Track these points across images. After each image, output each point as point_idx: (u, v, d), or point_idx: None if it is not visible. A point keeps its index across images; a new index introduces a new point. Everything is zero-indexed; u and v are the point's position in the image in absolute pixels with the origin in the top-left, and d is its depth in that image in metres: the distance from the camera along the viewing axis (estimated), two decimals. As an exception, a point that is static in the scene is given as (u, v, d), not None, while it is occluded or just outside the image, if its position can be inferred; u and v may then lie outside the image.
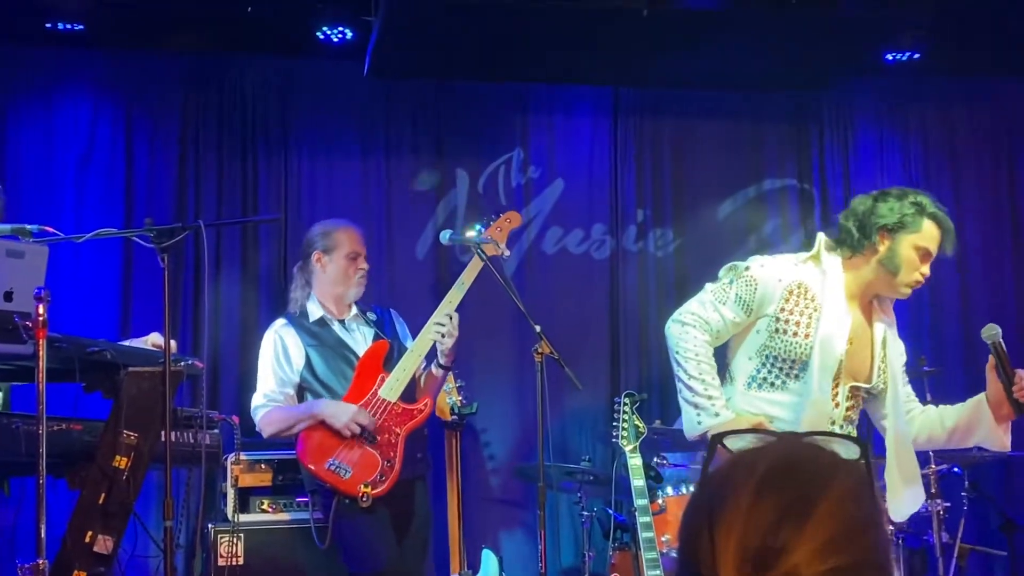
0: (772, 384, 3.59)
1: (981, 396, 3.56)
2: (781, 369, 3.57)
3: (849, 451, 1.37)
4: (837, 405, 3.57)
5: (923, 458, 5.02)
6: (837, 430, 3.52)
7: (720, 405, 3.53)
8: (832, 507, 1.17)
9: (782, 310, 3.54)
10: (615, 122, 6.07)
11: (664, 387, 5.83)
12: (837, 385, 3.56)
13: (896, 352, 3.70)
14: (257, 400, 4.60)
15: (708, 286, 3.70)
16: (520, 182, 5.95)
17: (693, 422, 3.57)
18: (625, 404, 4.96)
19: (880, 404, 3.66)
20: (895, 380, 3.64)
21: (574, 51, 5.44)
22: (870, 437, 3.89)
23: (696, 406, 3.56)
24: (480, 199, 5.87)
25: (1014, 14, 5.54)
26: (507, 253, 4.80)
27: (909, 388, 3.75)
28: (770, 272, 3.60)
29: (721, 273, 3.70)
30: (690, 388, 3.58)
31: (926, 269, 3.56)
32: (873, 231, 3.53)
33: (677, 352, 3.64)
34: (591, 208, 6.00)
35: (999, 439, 3.54)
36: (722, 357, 3.70)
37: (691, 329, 3.63)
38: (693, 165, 6.10)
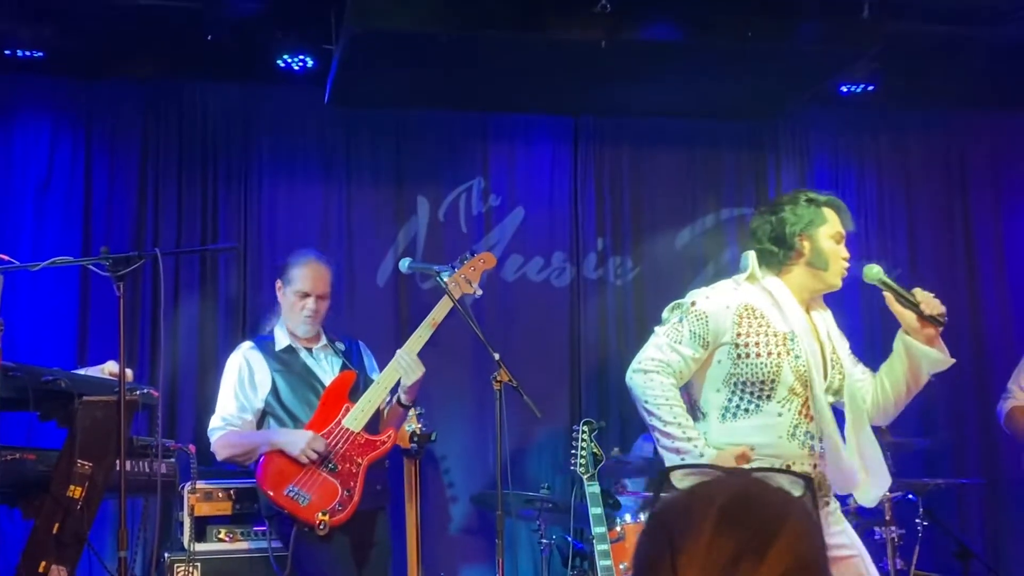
0: (746, 411, 3.56)
1: (900, 334, 3.56)
2: (752, 393, 3.55)
3: (795, 486, 1.39)
4: (810, 417, 3.58)
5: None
6: (816, 442, 3.54)
7: (701, 445, 3.50)
8: (787, 544, 1.22)
9: (738, 335, 3.54)
10: (575, 150, 6.09)
11: (623, 415, 5.84)
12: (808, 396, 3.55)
13: (840, 339, 3.72)
14: (215, 422, 4.57)
15: (658, 329, 3.68)
16: (481, 210, 5.95)
17: (690, 460, 3.51)
18: (584, 432, 4.96)
19: (841, 395, 3.65)
20: (846, 368, 3.65)
21: (534, 81, 5.45)
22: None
23: (678, 451, 3.51)
24: (441, 227, 5.87)
25: (964, 49, 5.59)
26: (479, 292, 4.75)
27: (861, 366, 3.73)
28: (716, 302, 3.60)
29: (665, 314, 3.71)
30: (668, 435, 3.54)
31: (845, 251, 3.62)
32: (792, 239, 3.58)
33: (646, 401, 3.59)
34: (551, 236, 6.00)
35: (940, 357, 3.53)
36: (687, 395, 3.67)
37: (654, 376, 3.59)
38: (652, 193, 6.12)
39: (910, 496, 5.20)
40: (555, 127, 6.07)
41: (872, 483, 3.63)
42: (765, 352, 3.53)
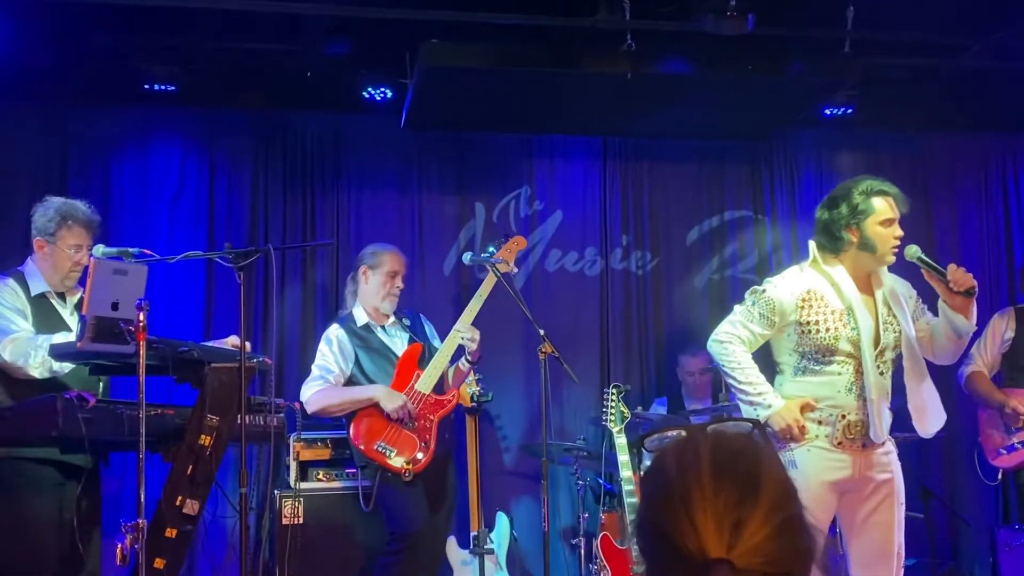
0: (813, 371, 3.56)
1: (942, 304, 3.55)
2: (815, 359, 3.54)
3: (741, 426, 1.39)
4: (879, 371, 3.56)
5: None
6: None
7: (771, 398, 3.52)
8: (770, 477, 1.23)
9: (802, 315, 3.54)
10: (604, 165, 6.07)
11: (644, 381, 5.86)
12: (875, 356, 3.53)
13: (900, 303, 3.63)
14: (313, 381, 4.62)
15: (737, 308, 3.71)
16: (527, 213, 5.96)
17: (753, 415, 3.53)
18: (612, 394, 4.99)
19: (899, 349, 3.62)
20: (902, 325, 3.60)
21: (571, 108, 5.46)
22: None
23: (752, 404, 3.54)
24: (495, 227, 5.87)
25: (928, 78, 5.55)
26: (515, 270, 4.87)
27: (926, 318, 3.67)
28: (782, 290, 3.59)
29: (746, 296, 3.70)
30: (743, 391, 3.58)
31: (897, 230, 3.54)
32: (842, 231, 3.53)
33: (723, 365, 3.65)
34: (584, 234, 6.00)
35: (964, 322, 3.52)
36: (771, 355, 3.72)
37: (728, 345, 3.64)
38: (667, 199, 6.10)
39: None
40: (588, 146, 6.06)
41: (929, 419, 3.63)
42: (824, 328, 3.51)
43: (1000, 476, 4.92)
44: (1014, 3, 4.88)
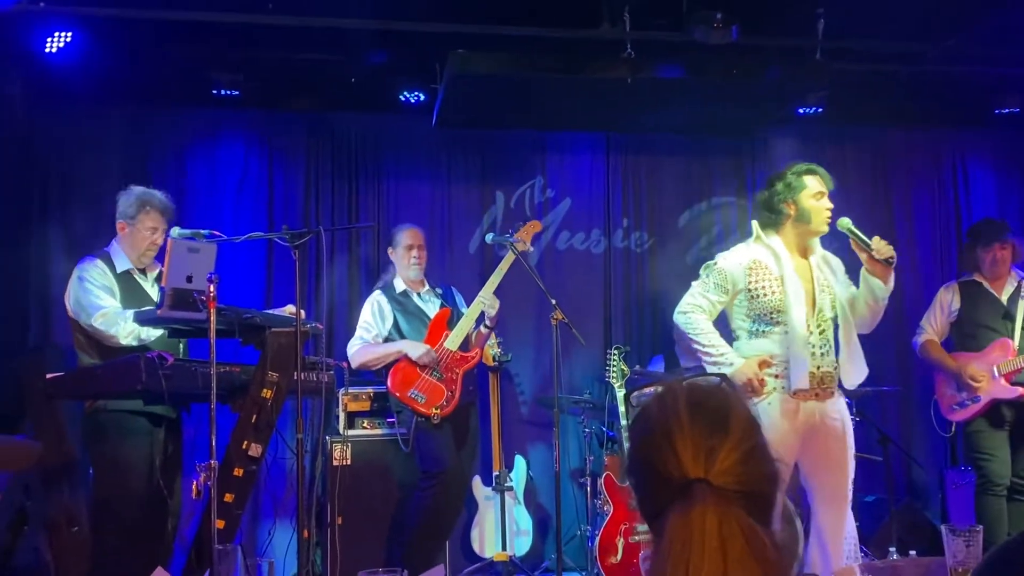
0: (763, 332, 3.58)
1: (864, 272, 3.56)
2: (765, 321, 3.56)
3: (712, 380, 1.41)
4: (811, 332, 3.55)
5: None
6: (816, 350, 3.53)
7: (731, 357, 3.56)
8: (736, 414, 1.25)
9: (750, 283, 3.56)
10: (607, 158, 6.05)
11: (641, 343, 5.86)
12: (808, 319, 3.54)
13: (833, 267, 3.66)
14: (356, 340, 4.68)
15: (694, 283, 3.73)
16: (540, 200, 5.95)
17: (726, 371, 3.55)
18: (614, 354, 5.01)
19: (835, 311, 3.64)
20: (837, 291, 3.62)
21: (578, 108, 5.43)
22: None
23: (716, 364, 3.57)
24: (512, 212, 5.87)
25: (889, 81, 5.51)
26: (532, 249, 4.91)
27: (852, 288, 3.66)
28: (731, 261, 3.63)
29: (701, 271, 3.73)
30: (707, 353, 3.61)
31: (827, 203, 3.58)
32: (780, 205, 3.58)
33: (688, 333, 3.68)
34: (590, 217, 5.99)
35: (882, 286, 3.54)
36: (728, 323, 3.74)
37: (691, 315, 3.66)
38: (662, 187, 6.08)
39: (847, 400, 5.16)
40: (593, 141, 6.04)
41: (853, 372, 3.63)
42: (769, 292, 3.53)
43: (952, 428, 4.91)
44: (964, 15, 4.83)
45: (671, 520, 1.16)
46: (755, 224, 3.68)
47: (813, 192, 3.55)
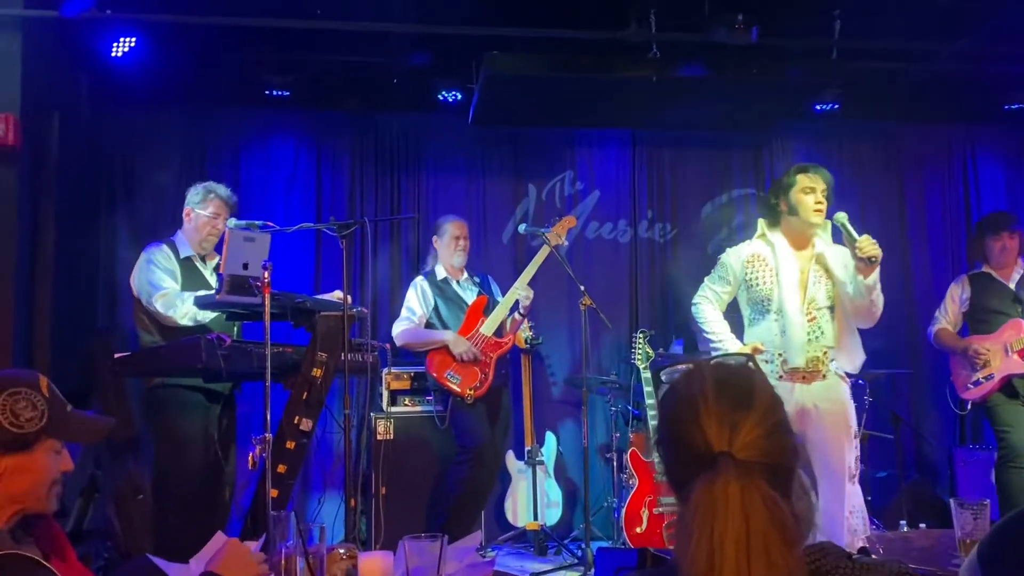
0: (758, 320, 3.65)
1: (853, 265, 3.57)
2: (759, 310, 3.64)
3: (739, 360, 1.40)
4: (801, 319, 3.59)
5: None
6: (807, 335, 3.56)
7: (729, 344, 3.71)
8: (760, 393, 1.25)
9: (747, 274, 3.63)
10: (633, 152, 6.00)
11: (665, 327, 5.84)
12: (799, 305, 3.58)
13: (836, 257, 3.66)
14: (401, 320, 4.71)
15: (706, 278, 3.91)
16: (570, 193, 5.93)
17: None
18: (639, 337, 4.99)
19: (832, 300, 3.65)
20: (836, 278, 3.62)
21: (606, 105, 5.40)
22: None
23: (717, 348, 3.75)
24: (544, 204, 5.86)
25: (901, 80, 5.43)
26: (566, 243, 4.87)
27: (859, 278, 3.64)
28: (733, 256, 3.79)
29: (714, 268, 3.89)
30: (711, 339, 3.79)
31: (819, 197, 3.62)
32: (776, 203, 3.70)
33: (698, 321, 3.89)
34: (617, 209, 5.95)
35: (864, 281, 3.53)
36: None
37: (699, 305, 3.87)
38: (685, 180, 6.03)
39: (860, 381, 5.12)
40: (620, 137, 6.00)
41: (851, 358, 3.66)
42: (763, 281, 3.57)
43: (968, 407, 4.79)
44: (973, 17, 4.75)
45: (697, 490, 1.16)
46: (760, 222, 3.82)
47: (802, 187, 3.63)
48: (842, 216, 3.56)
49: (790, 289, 3.57)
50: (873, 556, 2.97)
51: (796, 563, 1.13)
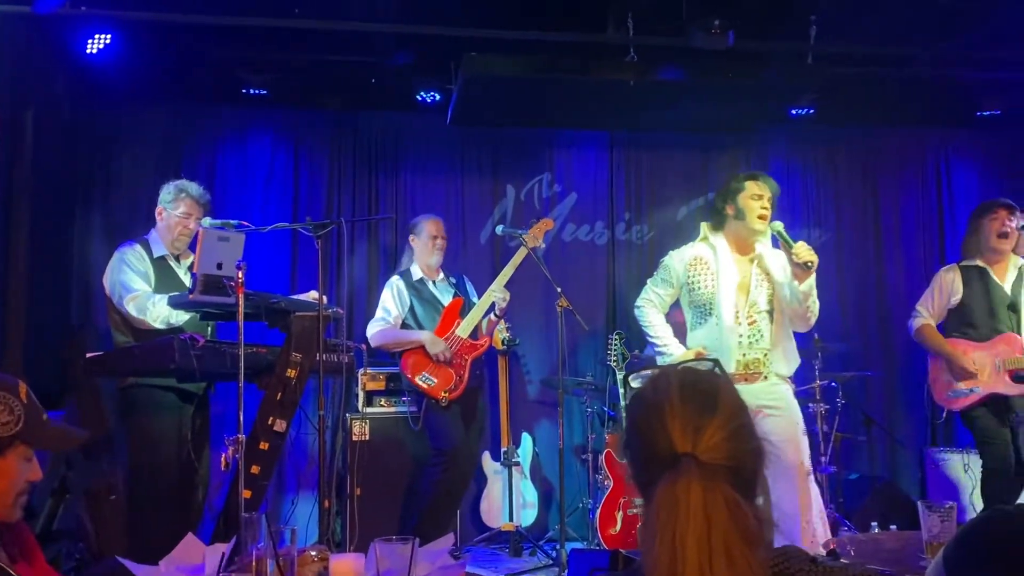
0: (699, 324, 3.68)
1: (790, 271, 3.62)
2: (699, 313, 3.67)
3: (705, 365, 1.41)
4: (740, 323, 3.62)
5: (809, 376, 5.03)
6: (744, 339, 3.59)
7: (672, 348, 3.76)
8: (726, 396, 1.27)
9: (689, 277, 3.67)
10: (611, 154, 6.02)
11: (640, 329, 5.84)
12: (739, 310, 3.63)
13: (776, 261, 3.70)
14: (376, 321, 4.69)
15: (648, 280, 3.97)
16: (548, 194, 5.93)
17: (666, 360, 3.76)
18: (615, 339, 5.01)
19: (771, 304, 3.69)
20: (776, 281, 3.66)
21: (584, 108, 5.40)
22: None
23: (661, 353, 3.80)
24: (522, 205, 5.86)
25: (877, 85, 5.47)
26: (543, 246, 4.87)
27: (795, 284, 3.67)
28: (676, 258, 3.85)
29: (657, 271, 3.94)
30: (654, 343, 3.86)
31: (765, 203, 3.66)
32: (723, 207, 3.74)
33: (641, 324, 3.95)
34: (595, 211, 5.97)
35: (799, 287, 3.57)
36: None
37: (642, 308, 3.94)
38: (662, 183, 6.05)
39: (832, 383, 5.18)
40: (598, 139, 6.02)
41: (786, 360, 3.69)
42: (703, 286, 3.62)
43: (944, 414, 4.54)
44: (949, 22, 4.79)
45: (660, 491, 1.17)
46: (703, 225, 3.86)
47: (751, 194, 3.67)
48: (778, 225, 3.64)
49: (727, 293, 3.62)
50: (843, 558, 3.00)
51: (758, 564, 1.14)
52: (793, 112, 5.67)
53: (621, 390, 4.80)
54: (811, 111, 5.64)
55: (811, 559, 1.29)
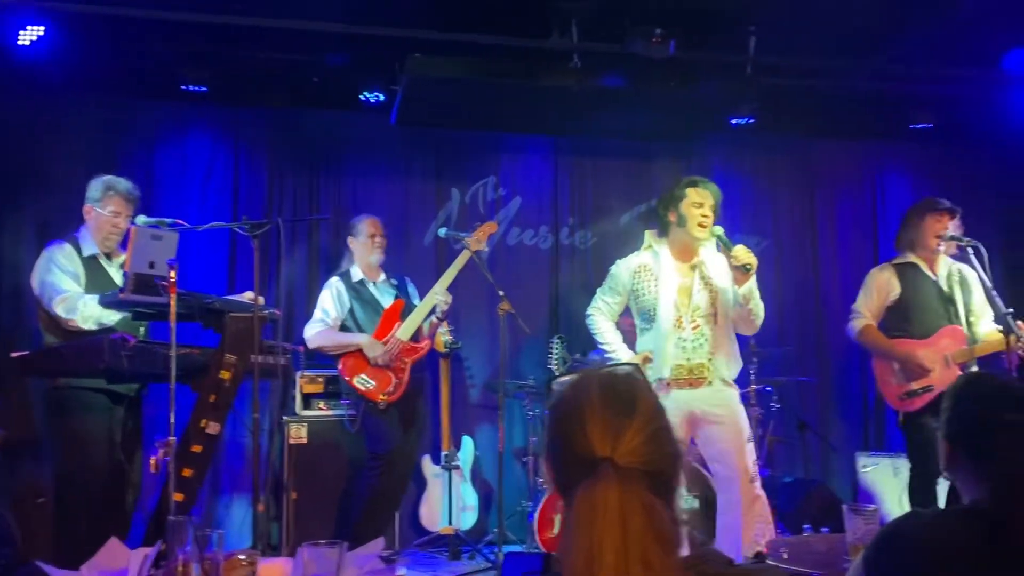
0: (644, 330, 3.73)
1: (731, 275, 3.67)
2: (645, 319, 3.71)
3: (626, 369, 1.42)
4: (683, 328, 3.65)
5: (744, 381, 5.10)
6: (687, 344, 3.63)
7: (620, 354, 3.79)
8: (643, 402, 1.27)
9: (635, 285, 3.72)
10: (556, 160, 6.05)
11: (584, 332, 5.86)
12: (681, 316, 3.65)
13: (718, 266, 3.73)
14: (314, 322, 4.64)
15: (599, 289, 3.98)
16: (493, 198, 5.94)
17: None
18: (557, 343, 5.04)
19: (714, 307, 3.72)
20: (718, 286, 3.70)
21: (529, 112, 5.44)
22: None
23: (611, 358, 3.83)
24: (466, 208, 5.86)
25: (815, 96, 5.59)
26: (487, 249, 4.89)
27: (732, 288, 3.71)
28: (622, 267, 3.88)
29: (606, 279, 3.97)
30: (604, 349, 3.87)
31: (705, 211, 3.70)
32: (665, 215, 3.78)
33: (591, 331, 3.96)
34: (539, 215, 5.99)
35: (738, 289, 3.62)
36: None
37: (592, 316, 3.96)
38: (605, 189, 6.09)
39: (768, 388, 5.26)
40: (543, 143, 6.04)
41: (728, 364, 3.72)
42: (648, 293, 3.66)
43: (901, 417, 4.25)
44: (884, 37, 4.92)
45: (578, 495, 1.18)
46: (648, 233, 3.92)
47: (691, 202, 3.71)
48: (718, 229, 3.70)
49: (666, 300, 3.67)
50: (774, 561, 3.05)
51: (674, 567, 1.15)
52: (734, 122, 5.75)
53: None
54: (751, 121, 5.73)
55: (728, 562, 1.31)
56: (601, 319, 3.90)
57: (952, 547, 1.66)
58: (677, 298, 3.68)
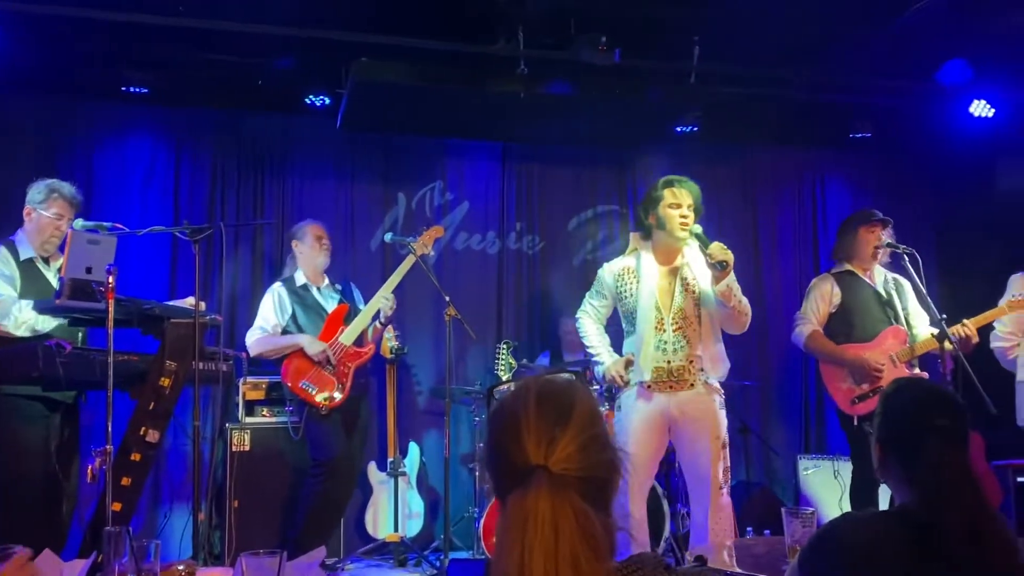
0: (629, 332, 3.73)
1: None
2: (629, 322, 3.71)
3: (566, 376, 1.43)
4: (664, 330, 3.60)
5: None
6: (669, 346, 3.59)
7: (603, 356, 3.77)
8: (580, 408, 1.28)
9: (618, 287, 3.70)
10: (503, 165, 6.07)
11: (531, 338, 5.92)
12: (663, 318, 3.62)
13: (702, 266, 3.67)
14: (255, 330, 4.59)
15: (587, 293, 3.93)
16: (440, 203, 5.93)
17: (599, 369, 3.77)
18: (503, 348, 5.05)
19: (699, 309, 3.68)
20: (701, 288, 3.65)
21: (476, 118, 5.45)
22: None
23: (593, 361, 3.82)
24: (413, 213, 5.85)
25: (757, 105, 5.69)
26: (432, 253, 4.87)
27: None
28: (607, 270, 3.84)
29: (593, 283, 3.93)
30: (589, 352, 3.85)
31: (684, 212, 3.63)
32: (645, 218, 3.73)
33: (579, 334, 3.92)
34: (486, 220, 6.00)
35: (715, 287, 3.57)
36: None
37: (580, 319, 3.92)
38: (552, 194, 6.13)
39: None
40: (490, 149, 6.05)
41: (714, 365, 3.66)
42: (630, 296, 3.65)
43: (856, 421, 4.23)
44: (824, 48, 5.04)
45: (511, 502, 1.19)
46: (633, 236, 3.86)
47: (669, 202, 3.65)
48: (697, 228, 3.65)
49: (645, 302, 3.62)
50: (710, 563, 3.09)
51: (606, 573, 1.17)
52: (678, 129, 5.83)
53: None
54: (694, 129, 5.81)
55: (665, 567, 1.33)
56: (588, 322, 3.86)
57: (884, 548, 1.71)
58: (658, 300, 3.62)
